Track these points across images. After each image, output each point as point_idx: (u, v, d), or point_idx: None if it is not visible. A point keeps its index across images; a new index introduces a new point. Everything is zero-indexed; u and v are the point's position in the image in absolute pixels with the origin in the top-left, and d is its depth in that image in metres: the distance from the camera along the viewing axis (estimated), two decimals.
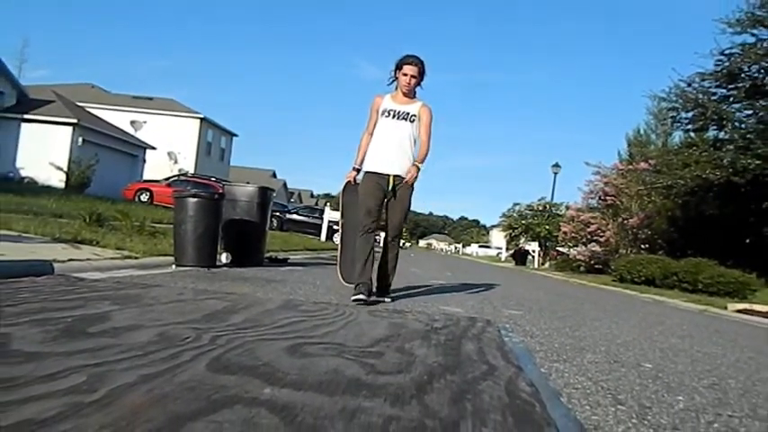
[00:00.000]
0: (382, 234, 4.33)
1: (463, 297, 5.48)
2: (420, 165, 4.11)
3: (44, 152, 19.89)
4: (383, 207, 4.10)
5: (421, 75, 4.09)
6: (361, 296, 3.73)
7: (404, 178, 4.05)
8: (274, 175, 51.37)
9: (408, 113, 4.10)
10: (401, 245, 4.51)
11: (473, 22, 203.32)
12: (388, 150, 4.09)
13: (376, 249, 4.10)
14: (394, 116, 4.10)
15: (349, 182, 4.29)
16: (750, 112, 14.89)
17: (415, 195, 4.20)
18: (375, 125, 4.20)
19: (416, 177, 4.08)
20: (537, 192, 51.86)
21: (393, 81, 4.15)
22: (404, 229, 4.51)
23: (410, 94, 4.14)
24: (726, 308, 8.23)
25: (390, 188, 4.05)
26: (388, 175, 4.05)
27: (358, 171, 4.22)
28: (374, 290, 4.08)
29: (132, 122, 28.52)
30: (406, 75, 4.06)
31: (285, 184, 51.85)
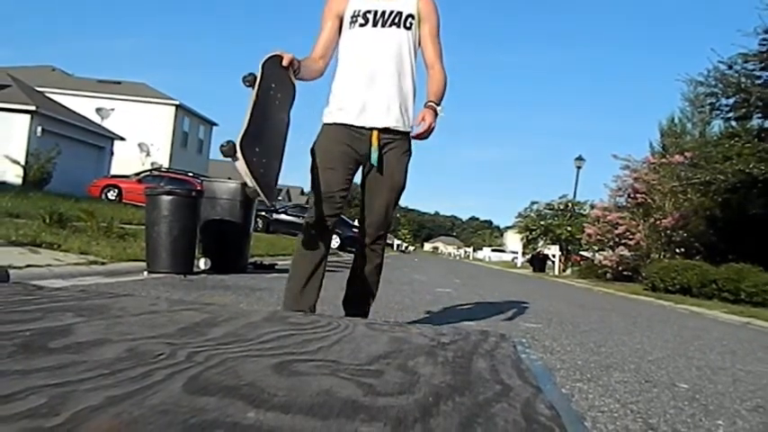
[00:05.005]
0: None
1: (474, 308, 5.49)
2: (438, 106, 2.72)
3: None
4: (348, 183, 2.81)
5: None
6: None
7: (395, 133, 2.76)
8: None
9: (401, 14, 2.75)
10: (404, 248, 4.31)
11: None
12: (371, 84, 2.71)
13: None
14: (375, 21, 2.74)
15: (277, 56, 2.48)
16: None
17: (418, 192, 3.41)
18: (332, 42, 2.83)
19: (433, 128, 2.66)
20: (558, 189, 52.04)
21: None
22: (393, 228, 3.07)
23: None
24: None
25: (372, 154, 2.73)
26: (370, 131, 2.72)
27: (299, 62, 2.62)
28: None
29: (98, 110, 28.51)
30: None
31: None
